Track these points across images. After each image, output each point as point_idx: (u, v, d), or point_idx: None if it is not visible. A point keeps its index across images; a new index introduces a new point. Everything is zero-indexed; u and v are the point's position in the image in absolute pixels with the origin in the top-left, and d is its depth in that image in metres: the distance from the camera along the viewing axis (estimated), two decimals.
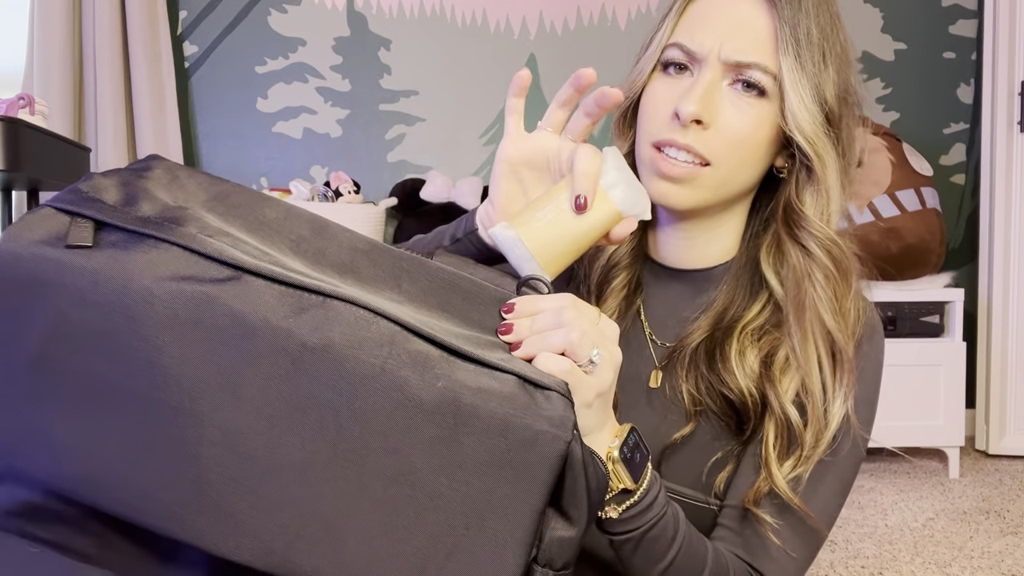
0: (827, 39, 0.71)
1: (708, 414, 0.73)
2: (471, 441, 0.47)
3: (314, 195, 2.50)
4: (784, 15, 0.68)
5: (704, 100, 0.68)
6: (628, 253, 0.80)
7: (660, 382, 0.77)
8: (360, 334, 0.48)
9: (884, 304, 2.33)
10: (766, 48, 0.69)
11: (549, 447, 0.47)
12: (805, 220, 0.71)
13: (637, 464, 0.61)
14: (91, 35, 2.43)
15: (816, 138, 0.69)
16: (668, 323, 0.79)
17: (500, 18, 2.75)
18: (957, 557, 1.75)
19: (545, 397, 0.49)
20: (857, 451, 0.73)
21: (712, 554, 0.67)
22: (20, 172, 1.79)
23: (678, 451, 0.74)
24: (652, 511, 0.62)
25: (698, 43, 0.69)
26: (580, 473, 0.50)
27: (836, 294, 0.70)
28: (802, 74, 0.68)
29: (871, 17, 2.84)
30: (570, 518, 0.51)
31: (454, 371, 0.48)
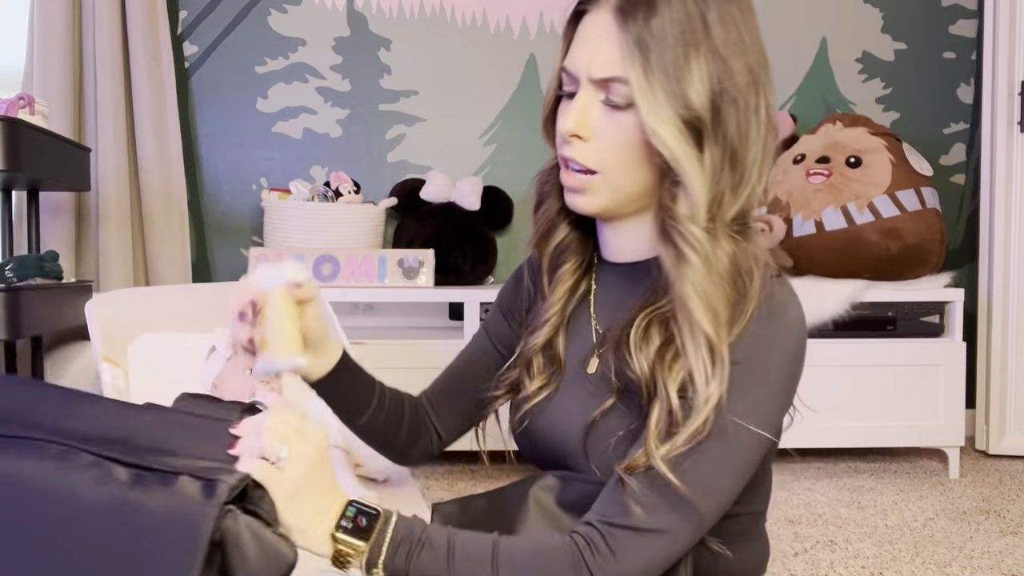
0: (689, 39, 0.72)
1: (624, 392, 0.79)
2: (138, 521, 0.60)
3: (314, 195, 2.49)
4: (630, 28, 0.72)
5: (579, 118, 0.77)
6: (573, 242, 0.89)
7: (595, 368, 0.84)
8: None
9: (884, 304, 2.33)
10: (624, 61, 0.73)
11: (200, 522, 0.59)
12: (673, 217, 0.75)
13: (365, 527, 0.69)
14: (91, 35, 2.43)
15: (672, 142, 0.72)
16: (610, 312, 0.86)
17: (500, 18, 2.74)
18: (957, 557, 1.75)
19: (207, 486, 0.60)
20: (742, 436, 0.74)
21: (495, 542, 0.72)
22: (20, 172, 1.79)
23: (598, 428, 0.80)
24: (407, 544, 0.70)
25: (573, 65, 0.77)
26: (244, 546, 0.60)
27: (704, 287, 0.73)
28: (652, 84, 0.72)
29: (871, 17, 2.84)
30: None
31: (123, 477, 0.61)
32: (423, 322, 2.74)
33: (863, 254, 2.30)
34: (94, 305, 1.46)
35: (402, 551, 0.70)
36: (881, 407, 2.32)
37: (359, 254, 2.38)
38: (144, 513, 0.60)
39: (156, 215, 2.51)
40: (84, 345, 2.25)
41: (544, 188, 0.90)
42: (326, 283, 2.35)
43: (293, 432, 0.68)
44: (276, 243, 2.45)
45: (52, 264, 1.96)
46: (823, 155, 2.39)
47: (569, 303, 0.89)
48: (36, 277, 1.90)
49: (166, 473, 0.61)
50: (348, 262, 2.37)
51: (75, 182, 2.08)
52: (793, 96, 2.84)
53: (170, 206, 2.54)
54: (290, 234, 2.42)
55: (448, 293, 2.37)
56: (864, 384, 2.32)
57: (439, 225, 2.54)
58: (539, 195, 0.91)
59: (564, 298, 0.88)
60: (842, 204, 2.30)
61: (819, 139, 2.45)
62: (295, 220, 2.42)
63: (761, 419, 0.75)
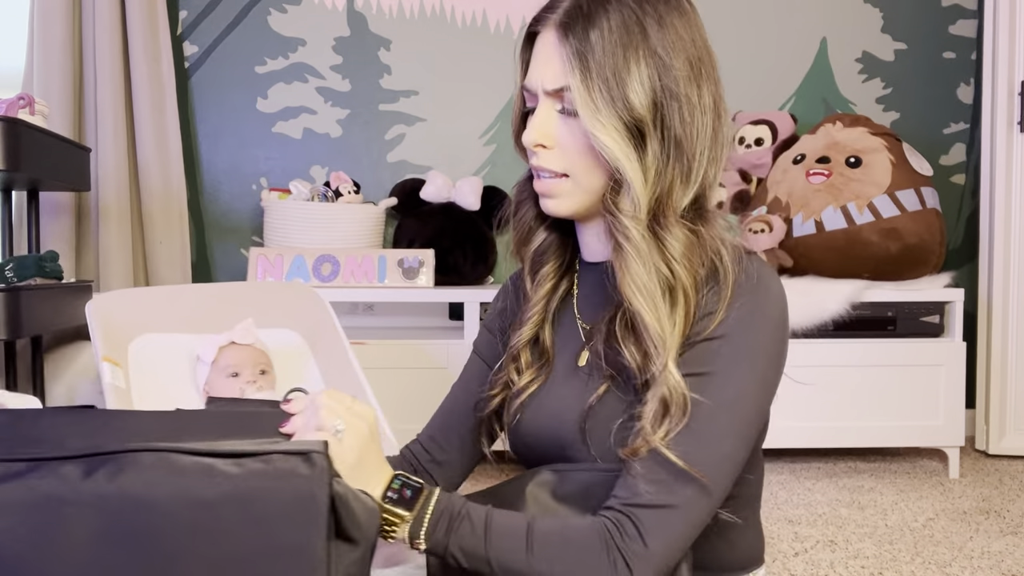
0: (628, 43, 0.77)
1: (617, 378, 0.82)
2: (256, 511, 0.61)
3: (314, 195, 2.50)
4: (570, 41, 0.78)
5: (540, 129, 0.82)
6: (553, 243, 0.94)
7: (586, 361, 0.88)
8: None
9: (884, 304, 2.33)
10: (567, 72, 0.79)
11: (317, 493, 0.62)
12: (612, 211, 0.81)
13: (410, 499, 0.75)
14: (91, 35, 2.43)
15: (611, 144, 0.77)
16: (593, 308, 0.90)
17: (500, 18, 2.75)
18: (957, 557, 1.75)
19: (306, 459, 0.63)
20: (740, 404, 0.78)
21: (531, 521, 0.76)
22: (20, 172, 1.79)
23: (595, 414, 0.83)
24: (447, 518, 0.75)
25: (530, 81, 0.84)
26: (350, 506, 0.64)
27: (640, 278, 0.78)
28: (591, 91, 0.77)
29: (871, 17, 2.84)
30: (353, 540, 0.64)
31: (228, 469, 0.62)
32: (423, 322, 2.74)
33: (863, 254, 2.30)
34: (94, 305, 1.46)
35: (442, 524, 0.74)
36: (881, 407, 2.32)
37: (359, 254, 2.38)
38: (261, 498, 0.61)
39: (156, 215, 2.52)
40: (84, 345, 2.25)
41: (520, 196, 0.94)
42: (326, 283, 2.35)
43: (346, 409, 0.74)
44: (276, 243, 2.45)
45: (52, 264, 1.96)
46: (823, 155, 2.39)
47: (552, 300, 0.93)
48: (36, 277, 1.90)
49: (261, 455, 0.63)
50: (348, 262, 2.37)
51: (75, 182, 2.08)
52: (793, 96, 2.84)
53: (170, 206, 2.54)
54: (290, 234, 2.43)
55: (448, 293, 2.37)
56: (864, 384, 2.32)
57: (439, 225, 2.54)
58: (516, 203, 0.96)
59: (546, 296, 0.93)
60: (842, 204, 2.30)
61: (819, 139, 2.45)
62: (295, 220, 2.42)
63: (757, 386, 0.79)
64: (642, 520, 0.74)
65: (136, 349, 1.46)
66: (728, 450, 0.77)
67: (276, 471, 0.62)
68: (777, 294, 0.81)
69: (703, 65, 0.81)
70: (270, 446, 0.64)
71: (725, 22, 2.79)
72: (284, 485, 0.62)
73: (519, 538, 0.75)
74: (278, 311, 1.64)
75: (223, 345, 1.43)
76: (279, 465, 0.63)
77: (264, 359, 1.45)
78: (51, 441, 0.67)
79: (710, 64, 0.82)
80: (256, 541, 0.61)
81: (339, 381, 1.47)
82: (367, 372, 1.49)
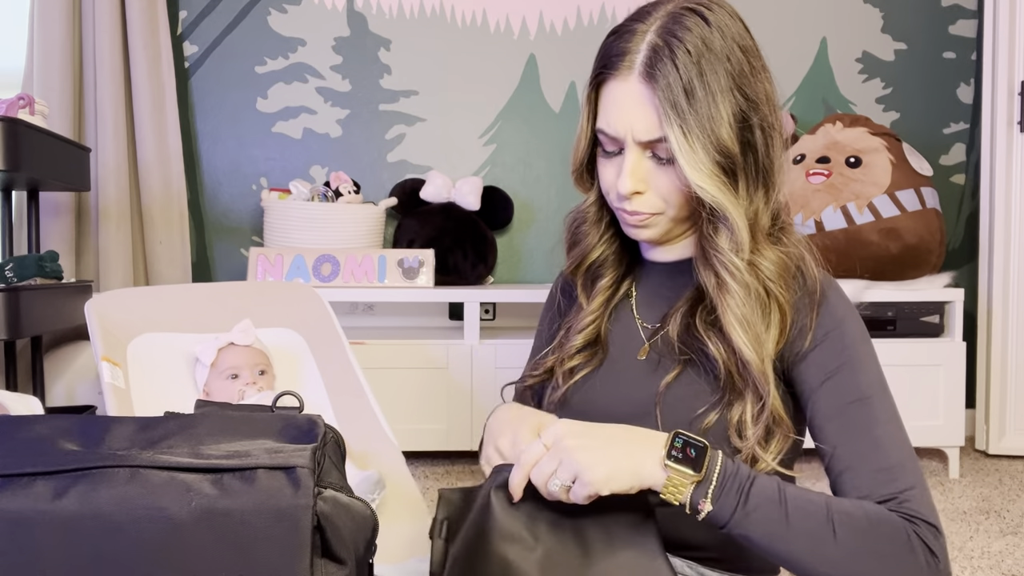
0: (712, 83, 0.79)
1: (693, 362, 0.85)
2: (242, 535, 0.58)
3: (314, 195, 2.49)
4: (660, 87, 0.79)
5: (634, 178, 0.83)
6: (610, 256, 0.96)
7: (647, 354, 0.90)
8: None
9: (884, 304, 2.33)
10: (663, 124, 0.80)
11: (300, 515, 0.59)
12: (716, 247, 0.83)
13: (695, 459, 0.71)
14: (91, 35, 2.43)
15: (711, 188, 0.79)
16: (655, 308, 0.93)
17: (500, 18, 2.74)
18: (957, 557, 1.75)
19: (290, 476, 0.60)
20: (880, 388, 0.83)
21: (827, 499, 0.73)
22: (20, 172, 1.79)
23: (669, 398, 0.85)
24: (736, 482, 0.71)
25: (614, 129, 0.83)
26: (336, 524, 0.61)
27: (742, 310, 0.81)
28: (691, 141, 0.78)
29: (871, 17, 2.84)
30: (340, 560, 0.62)
31: (203, 487, 0.59)
32: (423, 322, 2.74)
33: (863, 254, 2.30)
34: (94, 305, 1.46)
35: (732, 485, 0.71)
36: None
37: (359, 254, 2.38)
38: (239, 519, 0.58)
39: (156, 215, 2.52)
40: (84, 345, 2.25)
41: (580, 228, 0.97)
42: (326, 283, 2.35)
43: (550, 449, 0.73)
44: (276, 243, 2.45)
45: (52, 264, 1.96)
46: (823, 155, 2.39)
47: (608, 306, 0.95)
48: (36, 277, 1.90)
49: (243, 470, 0.60)
50: (348, 262, 2.37)
51: (75, 182, 2.08)
52: (793, 96, 2.84)
53: (170, 206, 2.54)
54: (290, 234, 2.43)
55: (448, 293, 2.37)
56: None
57: (439, 225, 2.54)
58: (573, 236, 0.98)
59: (603, 304, 0.95)
60: (842, 204, 2.30)
61: (819, 139, 2.45)
62: (295, 220, 2.42)
63: (875, 362, 0.83)
64: (920, 519, 0.74)
65: (135, 349, 1.46)
66: (901, 429, 0.82)
67: (256, 489, 0.59)
68: (850, 302, 0.86)
69: (773, 89, 0.84)
70: (252, 460, 0.61)
71: None
72: (264, 505, 0.58)
73: (819, 514, 0.71)
74: (278, 311, 1.64)
75: (222, 347, 1.44)
76: (261, 483, 0.59)
77: (263, 359, 1.45)
78: (28, 453, 0.63)
79: (773, 85, 0.85)
80: (233, 565, 0.58)
81: (339, 381, 1.47)
82: (367, 372, 1.49)
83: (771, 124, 0.83)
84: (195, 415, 0.70)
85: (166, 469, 0.60)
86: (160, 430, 0.66)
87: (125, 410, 1.30)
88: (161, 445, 0.63)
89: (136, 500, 0.58)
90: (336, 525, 0.61)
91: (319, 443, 0.65)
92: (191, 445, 0.64)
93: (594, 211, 0.95)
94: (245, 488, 0.59)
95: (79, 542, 0.57)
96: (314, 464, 0.62)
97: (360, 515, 0.64)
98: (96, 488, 0.58)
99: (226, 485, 0.59)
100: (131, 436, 0.64)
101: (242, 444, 0.64)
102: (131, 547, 0.57)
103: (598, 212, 0.95)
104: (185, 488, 0.58)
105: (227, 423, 0.68)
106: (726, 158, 0.80)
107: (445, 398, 2.30)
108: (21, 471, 0.59)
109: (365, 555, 0.65)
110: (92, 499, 0.58)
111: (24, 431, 0.65)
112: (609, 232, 0.95)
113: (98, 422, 0.66)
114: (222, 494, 0.58)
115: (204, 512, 0.58)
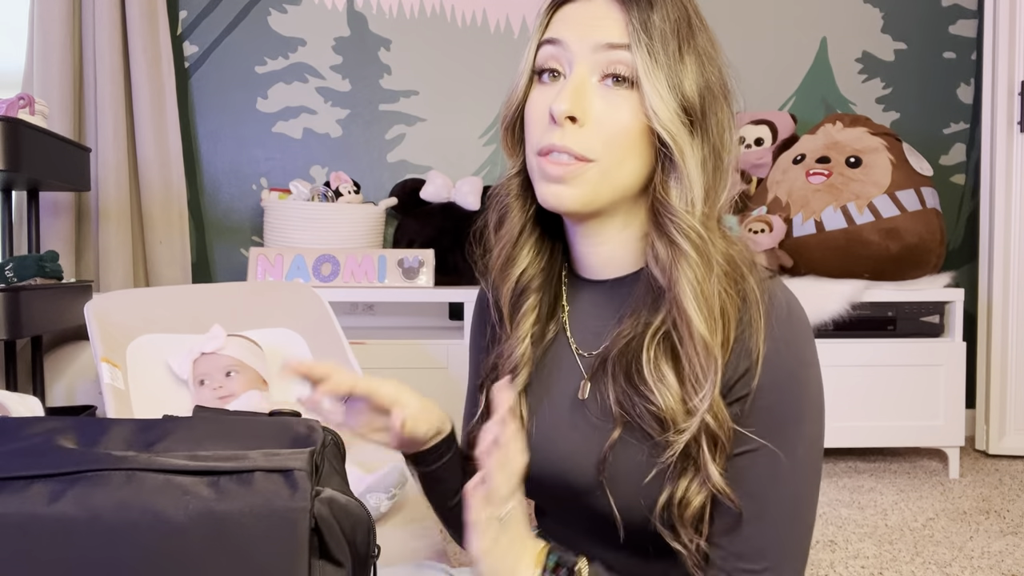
0: (681, 33, 0.71)
1: (634, 424, 0.73)
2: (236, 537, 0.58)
3: (314, 195, 2.49)
4: (633, 12, 0.70)
5: (575, 97, 0.70)
6: (538, 274, 0.82)
7: (588, 393, 0.78)
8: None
9: (884, 304, 2.33)
10: (626, 38, 0.70)
11: (297, 517, 0.58)
12: (669, 208, 0.71)
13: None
14: (91, 35, 2.43)
15: (672, 125, 0.70)
16: (592, 333, 0.80)
17: (500, 18, 2.74)
18: (957, 557, 1.75)
19: (287, 478, 0.60)
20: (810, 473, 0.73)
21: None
22: (20, 172, 1.79)
23: (615, 461, 0.74)
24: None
25: (565, 36, 0.72)
26: (334, 525, 0.61)
27: (701, 285, 0.70)
28: (655, 66, 0.69)
29: (871, 17, 2.84)
30: (338, 562, 0.61)
31: (201, 490, 0.59)
32: (423, 322, 2.74)
33: (863, 254, 2.30)
34: (93, 305, 1.46)
35: None
36: (881, 407, 2.32)
37: (359, 254, 2.38)
38: (236, 522, 0.58)
39: (156, 215, 2.52)
40: (84, 345, 2.25)
41: (505, 200, 0.81)
42: (326, 283, 2.35)
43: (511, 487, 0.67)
44: (276, 243, 2.45)
45: (52, 264, 1.96)
46: (823, 155, 2.39)
47: (538, 340, 0.82)
48: (36, 277, 1.90)
49: (240, 473, 0.60)
50: (348, 262, 2.37)
51: (75, 182, 2.08)
52: (793, 96, 2.84)
53: (170, 206, 2.54)
54: (290, 234, 2.43)
55: (448, 293, 2.37)
56: (864, 384, 2.32)
57: (439, 225, 2.54)
58: (500, 211, 0.82)
59: (528, 336, 0.81)
60: (842, 204, 2.30)
61: (819, 139, 2.45)
62: (295, 220, 2.42)
63: (820, 424, 0.74)
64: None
65: (135, 350, 1.47)
66: (810, 514, 0.74)
67: (253, 492, 0.59)
68: (806, 322, 0.74)
69: (726, 87, 0.75)
70: (250, 463, 0.61)
71: (725, 22, 2.78)
72: (262, 508, 0.58)
73: None
74: (278, 311, 1.64)
75: (195, 358, 1.45)
76: (258, 486, 0.59)
77: (230, 361, 1.45)
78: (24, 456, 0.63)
79: (732, 96, 0.76)
80: (230, 568, 0.57)
81: None
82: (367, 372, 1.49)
83: (723, 112, 0.74)
84: (193, 418, 0.70)
85: (163, 472, 0.59)
86: (157, 432, 0.65)
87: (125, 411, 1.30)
88: (158, 447, 0.63)
89: (133, 503, 0.58)
90: (333, 526, 0.61)
91: (318, 447, 0.65)
92: (188, 448, 0.63)
93: (517, 184, 0.80)
94: (242, 491, 0.59)
95: (75, 546, 0.57)
96: (312, 467, 0.62)
97: (357, 518, 0.64)
98: (93, 491, 0.58)
99: (223, 488, 0.59)
100: (128, 438, 0.64)
101: (239, 448, 0.64)
102: (128, 551, 0.57)
103: (522, 186, 0.80)
104: (182, 491, 0.58)
105: (225, 427, 0.67)
106: (688, 106, 0.71)
107: (445, 398, 2.29)
108: (17, 474, 0.59)
109: (364, 555, 0.64)
110: (89, 502, 0.57)
111: (20, 433, 0.64)
112: (535, 232, 0.82)
113: (95, 424, 0.66)
114: (219, 497, 0.58)
115: (201, 515, 0.57)
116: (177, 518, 0.57)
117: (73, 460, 0.60)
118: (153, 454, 0.62)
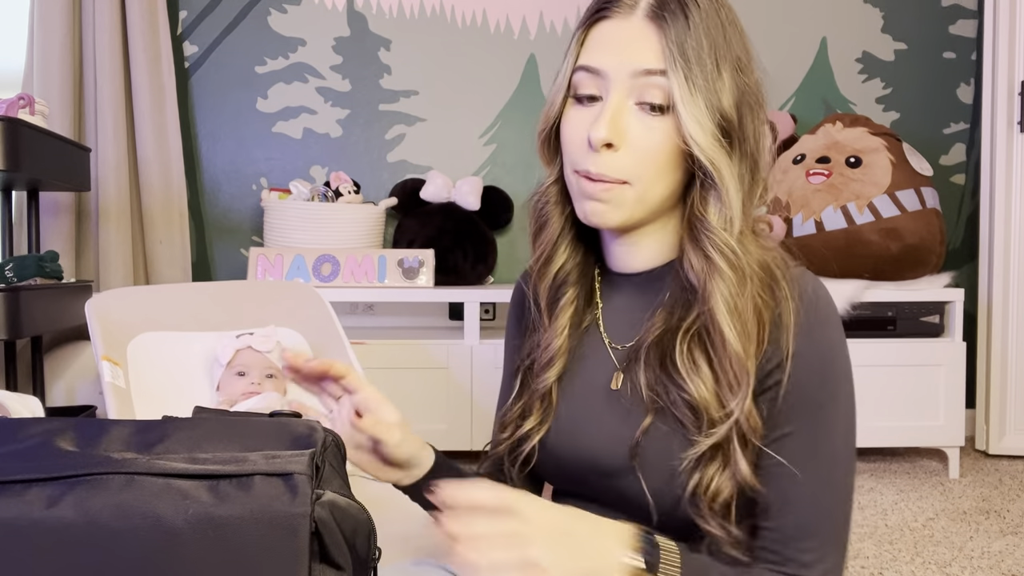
0: (718, 48, 0.73)
1: (667, 410, 0.75)
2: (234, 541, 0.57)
3: (314, 195, 2.49)
4: (670, 34, 0.71)
5: (612, 124, 0.72)
6: (574, 269, 0.85)
7: (621, 383, 0.80)
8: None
9: (884, 304, 2.33)
10: (662, 63, 0.72)
11: (297, 522, 0.58)
12: (707, 225, 0.74)
13: (653, 559, 0.67)
14: (91, 35, 2.43)
15: (711, 150, 0.72)
16: (625, 326, 0.83)
17: (500, 18, 2.74)
18: (957, 557, 1.75)
19: (287, 482, 0.59)
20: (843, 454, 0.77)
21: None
22: (20, 172, 1.79)
23: (647, 447, 0.76)
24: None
25: (601, 62, 0.74)
26: (334, 528, 0.60)
27: (735, 300, 0.72)
28: (693, 89, 0.71)
29: (871, 17, 2.84)
30: (338, 566, 0.61)
31: (200, 494, 0.58)
32: (423, 322, 2.74)
33: (863, 254, 2.30)
34: (94, 304, 1.46)
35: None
36: (881, 407, 2.32)
37: (359, 254, 2.38)
38: (236, 527, 0.57)
39: (156, 215, 2.52)
40: (84, 345, 2.25)
41: (544, 209, 0.85)
42: (326, 283, 2.35)
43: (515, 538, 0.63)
44: (276, 243, 2.45)
45: (52, 264, 1.96)
46: (823, 155, 2.39)
47: (573, 332, 0.85)
48: (36, 277, 1.90)
49: (240, 477, 0.59)
50: (348, 262, 2.37)
51: (75, 182, 2.08)
52: (793, 96, 2.84)
53: (170, 206, 2.54)
54: (290, 234, 2.43)
55: (448, 293, 2.37)
56: (864, 384, 2.30)
57: (439, 225, 2.54)
58: (538, 219, 0.85)
59: (566, 328, 0.84)
60: (842, 204, 2.30)
61: (819, 139, 2.45)
62: (295, 220, 2.42)
63: (852, 409, 0.77)
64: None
65: (135, 348, 1.47)
66: (850, 494, 0.78)
67: (253, 496, 0.58)
68: (835, 309, 0.77)
69: (762, 85, 0.77)
70: (249, 467, 0.60)
71: None
72: (262, 513, 0.58)
73: None
74: (278, 311, 1.64)
75: (240, 348, 1.47)
76: (258, 490, 0.59)
77: (272, 366, 1.48)
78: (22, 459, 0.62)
79: (763, 91, 0.78)
80: (230, 573, 0.57)
81: None
82: (367, 372, 1.49)
83: (759, 115, 0.76)
84: (193, 419, 0.69)
85: (162, 476, 0.59)
86: (157, 434, 0.65)
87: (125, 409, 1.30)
88: (158, 448, 0.63)
89: (132, 508, 0.57)
90: (334, 530, 0.60)
91: (318, 449, 0.64)
92: (188, 449, 0.63)
93: (555, 191, 0.83)
94: (242, 495, 0.58)
95: (74, 551, 0.56)
96: (312, 470, 0.61)
97: (357, 521, 0.63)
98: (91, 495, 0.57)
99: (223, 492, 0.58)
100: (127, 440, 0.64)
101: (239, 450, 0.63)
102: (127, 556, 0.56)
103: (560, 193, 0.83)
104: (181, 495, 0.58)
105: (225, 429, 0.67)
106: (726, 122, 0.72)
107: (445, 398, 2.30)
108: (14, 478, 0.58)
109: (365, 558, 0.64)
110: (87, 507, 0.57)
111: (18, 435, 0.64)
112: (572, 232, 0.85)
113: (94, 425, 0.65)
114: (219, 501, 0.58)
115: (201, 520, 0.57)
116: (176, 523, 0.57)
117: (72, 463, 0.59)
118: (153, 456, 0.61)
